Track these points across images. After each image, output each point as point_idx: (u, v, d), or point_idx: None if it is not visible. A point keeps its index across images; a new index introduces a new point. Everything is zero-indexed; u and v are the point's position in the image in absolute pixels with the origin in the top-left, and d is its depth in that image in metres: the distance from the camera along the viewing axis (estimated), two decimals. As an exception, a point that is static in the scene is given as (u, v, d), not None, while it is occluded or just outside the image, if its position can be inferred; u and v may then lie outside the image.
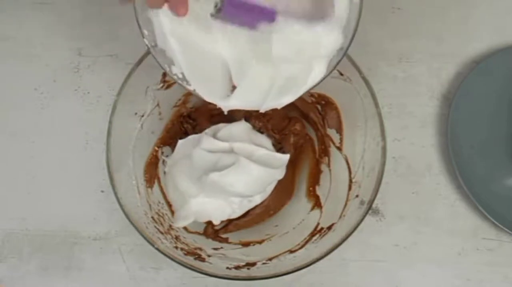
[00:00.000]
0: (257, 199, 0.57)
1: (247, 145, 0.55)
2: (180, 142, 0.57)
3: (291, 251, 0.55)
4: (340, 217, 0.54)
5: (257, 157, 0.54)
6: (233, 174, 0.53)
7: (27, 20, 0.66)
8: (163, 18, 0.42)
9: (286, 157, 0.56)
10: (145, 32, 0.43)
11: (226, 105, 0.46)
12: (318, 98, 0.59)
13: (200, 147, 0.55)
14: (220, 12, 0.43)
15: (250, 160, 0.53)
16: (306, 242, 0.55)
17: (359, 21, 0.42)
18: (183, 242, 0.55)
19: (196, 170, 0.54)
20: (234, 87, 0.46)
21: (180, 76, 0.45)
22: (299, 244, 0.55)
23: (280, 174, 0.57)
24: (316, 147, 0.62)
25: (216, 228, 0.59)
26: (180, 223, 0.56)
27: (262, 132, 0.59)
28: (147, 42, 0.43)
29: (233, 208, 0.56)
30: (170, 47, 0.44)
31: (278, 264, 0.53)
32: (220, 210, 0.56)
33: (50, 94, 0.65)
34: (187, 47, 0.44)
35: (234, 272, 0.52)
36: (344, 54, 0.44)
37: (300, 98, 0.60)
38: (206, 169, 0.54)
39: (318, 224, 0.57)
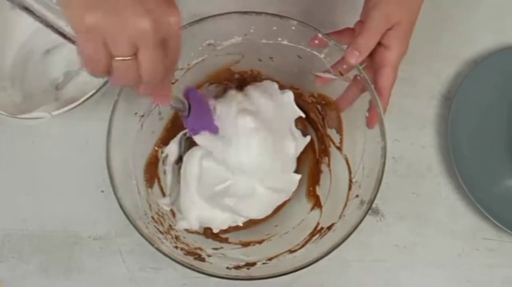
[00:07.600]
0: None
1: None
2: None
3: (291, 251, 0.55)
4: (340, 217, 0.54)
5: (272, 182, 0.54)
6: (248, 201, 0.53)
7: (27, 20, 0.66)
8: None
9: (297, 176, 0.56)
10: None
11: None
12: (318, 98, 0.59)
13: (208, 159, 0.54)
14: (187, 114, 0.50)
15: (264, 186, 0.53)
16: (306, 242, 0.55)
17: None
18: (183, 242, 0.55)
19: (206, 183, 0.54)
20: None
21: None
22: (299, 244, 0.55)
23: (289, 194, 0.57)
24: (316, 147, 0.62)
25: (216, 228, 0.59)
26: (182, 227, 0.56)
27: None
28: None
29: (238, 222, 0.56)
30: None
31: (278, 264, 0.53)
32: (225, 221, 0.56)
33: (50, 94, 0.65)
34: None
35: (234, 272, 0.52)
36: None
37: (300, 98, 0.60)
38: (217, 184, 0.53)
39: (318, 224, 0.57)
